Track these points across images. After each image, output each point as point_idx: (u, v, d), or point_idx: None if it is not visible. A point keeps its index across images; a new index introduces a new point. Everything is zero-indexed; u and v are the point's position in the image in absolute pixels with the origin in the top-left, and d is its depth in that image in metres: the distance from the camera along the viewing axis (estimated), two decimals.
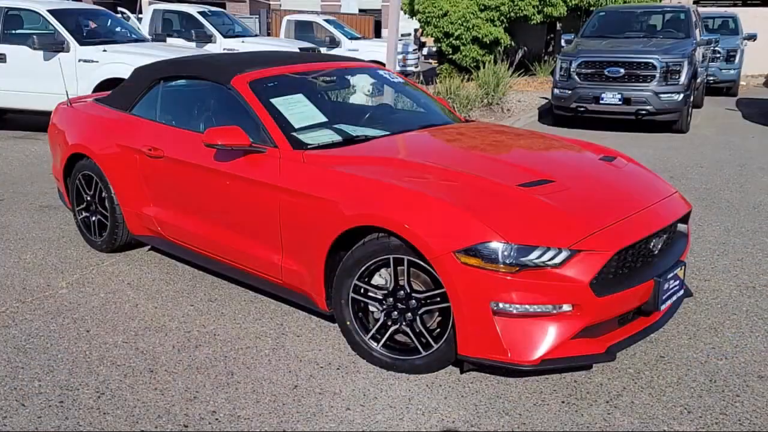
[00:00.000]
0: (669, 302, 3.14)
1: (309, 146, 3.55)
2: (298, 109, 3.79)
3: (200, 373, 3.15)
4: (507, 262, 2.75)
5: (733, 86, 15.01)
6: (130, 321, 3.68)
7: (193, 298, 3.99)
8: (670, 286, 3.10)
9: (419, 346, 3.06)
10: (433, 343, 3.02)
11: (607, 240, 2.86)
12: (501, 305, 2.76)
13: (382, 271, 3.13)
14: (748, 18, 16.62)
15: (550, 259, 2.77)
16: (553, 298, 2.76)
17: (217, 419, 2.79)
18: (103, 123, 4.56)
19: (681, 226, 3.54)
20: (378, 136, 3.84)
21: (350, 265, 3.13)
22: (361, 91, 4.45)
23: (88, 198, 4.70)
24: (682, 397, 2.96)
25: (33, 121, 9.81)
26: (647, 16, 11.81)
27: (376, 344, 3.16)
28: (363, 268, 3.10)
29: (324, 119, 3.89)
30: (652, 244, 3.12)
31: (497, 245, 2.75)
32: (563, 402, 2.91)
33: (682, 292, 3.27)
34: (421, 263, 2.94)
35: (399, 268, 3.05)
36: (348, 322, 3.22)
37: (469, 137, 4.00)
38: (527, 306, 2.76)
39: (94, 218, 4.71)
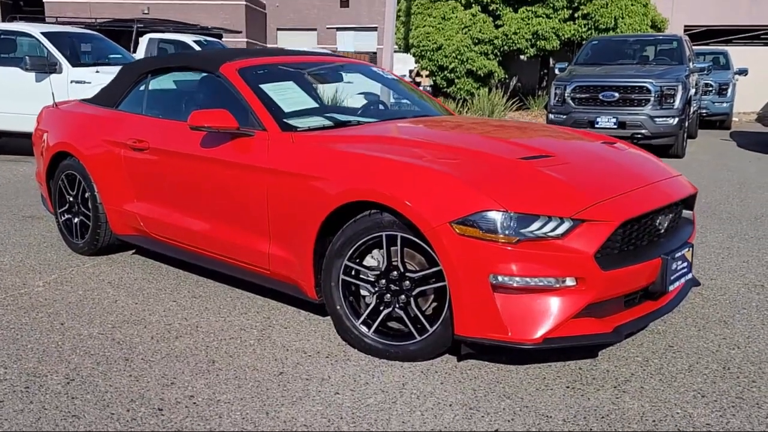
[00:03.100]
0: (677, 284, 2.97)
1: (299, 129, 3.41)
2: (288, 95, 3.67)
3: (179, 361, 2.94)
4: (507, 232, 2.58)
5: (726, 119, 15.02)
6: (107, 315, 3.48)
7: (177, 294, 3.79)
8: (678, 267, 2.93)
9: (413, 330, 2.86)
10: (428, 326, 2.82)
11: (611, 210, 2.70)
12: (500, 278, 2.58)
13: (375, 252, 2.95)
14: (738, 57, 16.73)
15: (552, 230, 2.60)
16: (556, 271, 2.59)
17: (194, 403, 2.58)
18: (88, 120, 4.42)
19: (686, 213, 3.39)
20: (370, 122, 3.71)
21: (341, 245, 2.96)
22: (353, 86, 4.34)
23: (71, 198, 4.53)
24: (695, 382, 2.76)
25: (25, 146, 9.67)
26: (640, 45, 11.89)
27: (367, 329, 2.96)
28: (354, 248, 2.93)
29: (315, 105, 3.76)
30: (658, 221, 2.96)
31: (496, 214, 2.59)
32: (568, 387, 2.71)
33: (690, 275, 3.09)
34: (416, 240, 2.77)
35: (392, 248, 2.87)
36: (338, 307, 3.02)
37: (466, 125, 3.87)
38: (528, 279, 2.58)
39: (76, 220, 4.54)
